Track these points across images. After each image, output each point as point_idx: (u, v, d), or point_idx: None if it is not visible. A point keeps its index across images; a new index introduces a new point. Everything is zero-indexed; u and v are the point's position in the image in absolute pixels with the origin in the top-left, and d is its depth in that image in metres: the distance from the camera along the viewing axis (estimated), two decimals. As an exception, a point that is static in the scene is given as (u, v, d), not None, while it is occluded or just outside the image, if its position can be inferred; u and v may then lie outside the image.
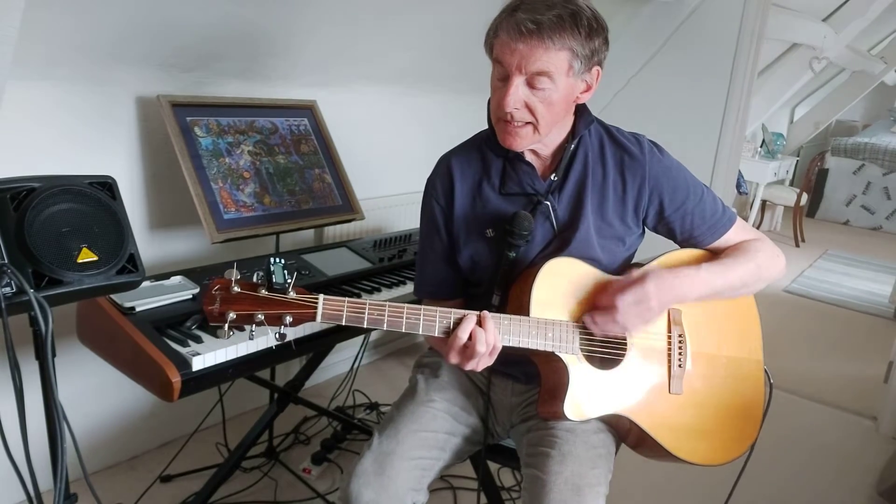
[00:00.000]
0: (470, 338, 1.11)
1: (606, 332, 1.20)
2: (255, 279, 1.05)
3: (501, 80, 1.17)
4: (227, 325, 1.03)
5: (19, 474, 1.02)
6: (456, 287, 1.39)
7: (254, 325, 1.05)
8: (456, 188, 1.33)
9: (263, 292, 1.04)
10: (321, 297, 1.08)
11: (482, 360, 1.13)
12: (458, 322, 1.12)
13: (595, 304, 1.22)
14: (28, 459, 1.00)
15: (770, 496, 2.22)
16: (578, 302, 1.23)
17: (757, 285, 1.32)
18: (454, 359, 1.13)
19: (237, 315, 1.03)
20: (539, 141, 1.24)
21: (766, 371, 1.37)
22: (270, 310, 1.04)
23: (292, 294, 1.05)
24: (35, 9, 1.39)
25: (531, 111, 1.17)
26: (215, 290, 1.03)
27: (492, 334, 1.12)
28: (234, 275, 1.03)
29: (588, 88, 1.23)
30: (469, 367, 1.14)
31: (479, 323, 1.12)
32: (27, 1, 1.21)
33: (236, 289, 1.03)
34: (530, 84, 1.15)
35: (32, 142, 1.68)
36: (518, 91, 1.15)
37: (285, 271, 1.06)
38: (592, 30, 1.15)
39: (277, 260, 1.07)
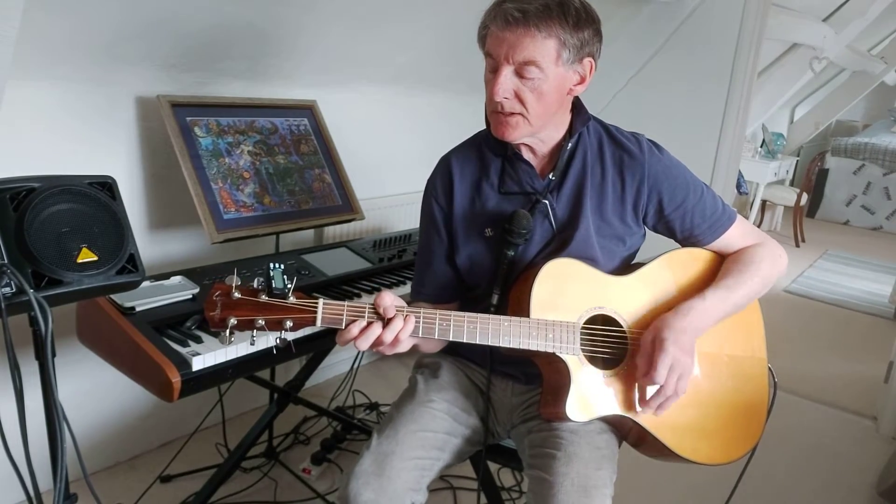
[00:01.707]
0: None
1: (668, 407, 1.20)
2: (255, 285, 1.06)
3: (492, 72, 1.18)
4: (228, 331, 1.04)
5: (19, 474, 1.02)
6: (455, 290, 1.39)
7: (255, 331, 1.05)
8: (455, 187, 1.34)
9: (264, 298, 1.05)
10: (321, 301, 1.08)
11: (377, 351, 1.12)
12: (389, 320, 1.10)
13: (602, 311, 1.23)
14: (28, 459, 1.00)
15: (770, 496, 2.22)
16: (579, 303, 1.22)
17: (763, 292, 1.32)
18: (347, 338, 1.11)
19: (238, 321, 1.04)
20: (533, 133, 1.24)
21: (770, 369, 1.37)
22: (271, 315, 1.05)
23: (292, 299, 1.06)
24: (35, 9, 1.39)
25: (521, 101, 1.17)
26: (216, 296, 1.04)
27: (380, 333, 1.09)
28: (235, 280, 1.04)
29: (581, 81, 1.23)
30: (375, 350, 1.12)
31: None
32: (27, 1, 1.21)
33: (237, 294, 1.04)
34: (519, 73, 1.15)
35: (32, 142, 1.68)
36: (507, 80, 1.15)
37: (285, 276, 1.06)
38: (581, 20, 1.15)
39: (277, 265, 1.07)
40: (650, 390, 1.20)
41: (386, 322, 1.09)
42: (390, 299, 1.10)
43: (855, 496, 2.29)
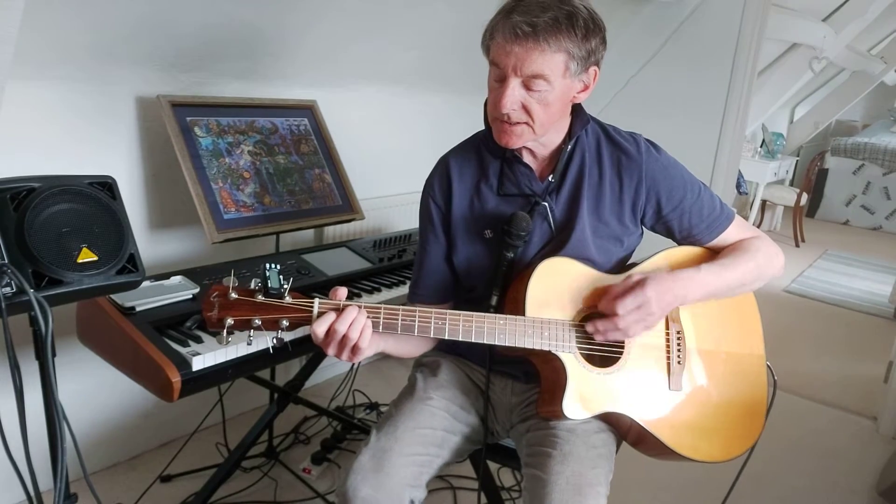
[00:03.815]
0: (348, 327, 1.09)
1: (609, 338, 1.20)
2: (252, 286, 1.07)
3: (498, 82, 1.17)
4: (225, 331, 1.05)
5: (19, 474, 1.02)
6: (452, 291, 1.39)
7: (252, 331, 1.06)
8: (454, 189, 1.34)
9: (260, 298, 1.06)
10: (317, 300, 1.08)
11: (341, 354, 1.11)
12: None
13: (596, 309, 1.22)
14: (28, 459, 1.00)
15: (769, 496, 2.22)
16: (575, 301, 1.23)
17: (756, 284, 1.32)
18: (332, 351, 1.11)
19: (235, 321, 1.05)
20: (536, 140, 1.25)
21: (768, 366, 1.37)
22: (267, 315, 1.06)
23: (288, 299, 1.07)
24: (35, 9, 1.39)
25: (527, 112, 1.17)
26: (213, 297, 1.05)
27: (347, 323, 1.08)
28: (232, 281, 1.05)
29: (585, 88, 1.23)
30: (330, 354, 1.12)
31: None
32: (27, 1, 1.21)
33: (234, 295, 1.05)
34: (526, 86, 1.15)
35: (32, 142, 1.68)
36: (514, 93, 1.15)
37: (281, 276, 1.07)
38: (589, 30, 1.14)
39: (273, 266, 1.08)
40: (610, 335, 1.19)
41: (340, 310, 1.09)
42: (343, 292, 1.11)
43: (855, 496, 2.29)
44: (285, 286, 1.07)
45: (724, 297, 1.31)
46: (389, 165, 2.67)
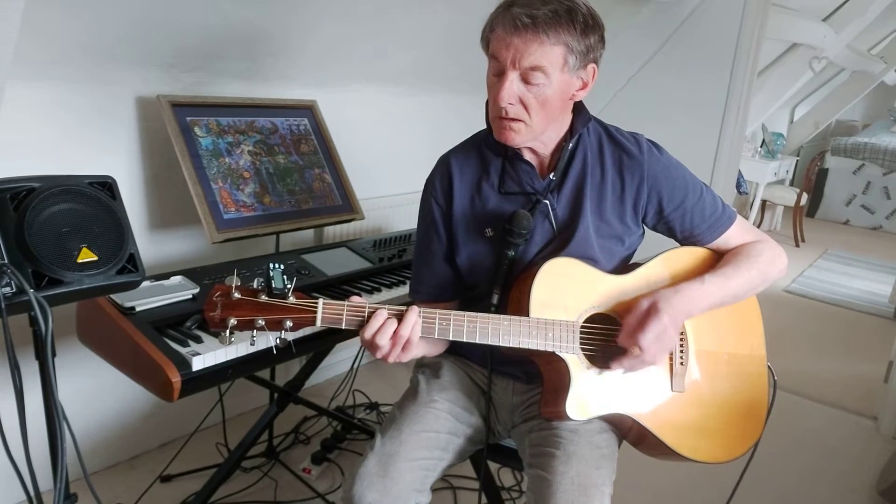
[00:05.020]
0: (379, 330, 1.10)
1: (637, 370, 1.21)
2: (255, 285, 1.06)
3: (496, 76, 1.18)
4: (228, 331, 1.04)
5: (19, 474, 1.02)
6: (454, 289, 1.39)
7: (255, 331, 1.05)
8: (455, 187, 1.33)
9: (263, 298, 1.05)
10: (321, 301, 1.08)
11: (390, 353, 1.12)
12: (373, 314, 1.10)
13: (600, 310, 1.23)
14: (28, 459, 1.00)
15: (769, 496, 2.22)
16: (579, 302, 1.23)
17: (760, 287, 1.32)
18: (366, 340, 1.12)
19: (238, 321, 1.04)
20: (535, 138, 1.24)
21: (769, 368, 1.37)
22: (271, 315, 1.05)
23: (292, 299, 1.06)
24: (35, 9, 1.39)
25: (525, 107, 1.17)
26: (216, 297, 1.04)
27: (395, 328, 1.09)
28: (235, 281, 1.05)
29: (584, 86, 1.23)
30: (378, 356, 1.12)
31: (400, 318, 1.11)
32: (27, 1, 1.21)
33: (237, 295, 1.04)
34: (525, 79, 1.15)
35: (32, 142, 1.68)
36: (513, 86, 1.15)
37: (284, 276, 1.07)
38: (588, 26, 1.15)
39: (277, 265, 1.07)
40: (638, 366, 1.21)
41: (401, 317, 1.10)
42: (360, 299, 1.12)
43: (855, 496, 2.29)
44: (289, 286, 1.06)
45: (730, 304, 1.30)
46: (389, 165, 2.67)
